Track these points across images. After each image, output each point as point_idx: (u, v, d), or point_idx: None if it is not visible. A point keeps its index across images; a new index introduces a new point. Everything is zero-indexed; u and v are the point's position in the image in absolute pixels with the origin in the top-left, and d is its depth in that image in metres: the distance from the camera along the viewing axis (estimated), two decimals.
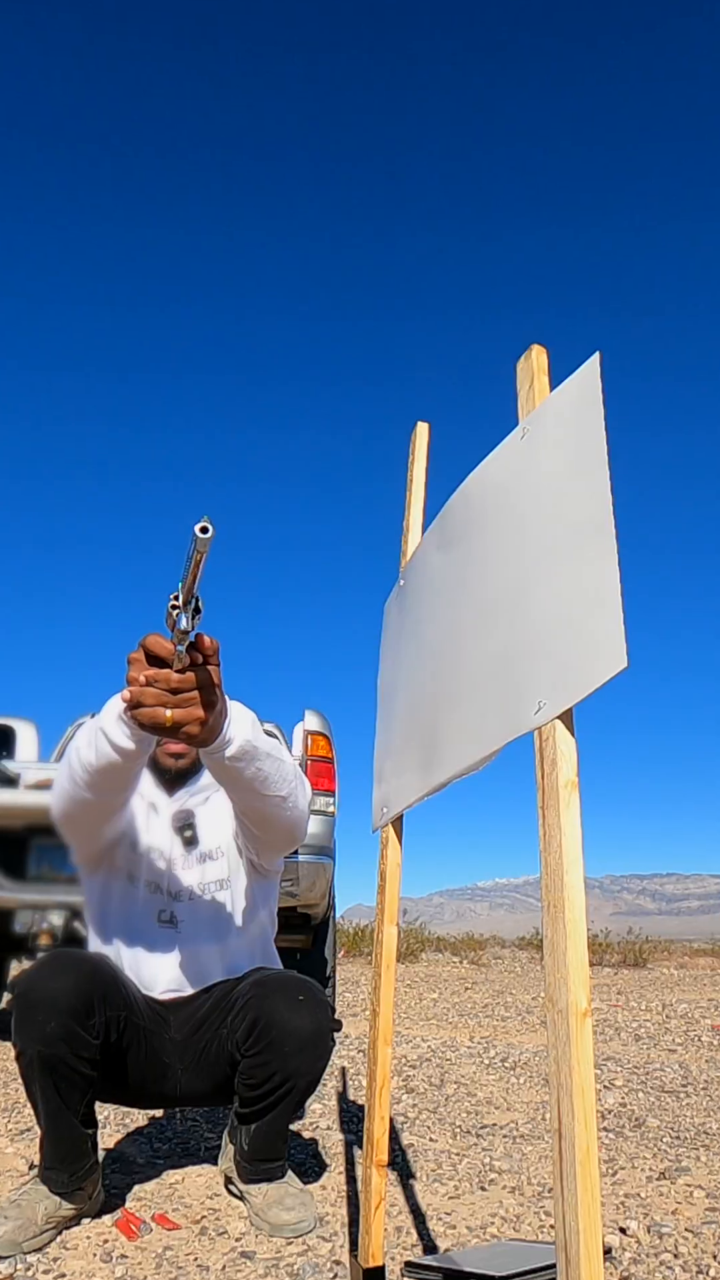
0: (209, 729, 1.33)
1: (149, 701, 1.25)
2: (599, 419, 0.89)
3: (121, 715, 1.41)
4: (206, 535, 0.98)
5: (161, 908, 1.86)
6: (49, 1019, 1.58)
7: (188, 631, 1.15)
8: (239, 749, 1.45)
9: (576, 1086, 0.76)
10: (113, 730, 1.44)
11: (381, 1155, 1.25)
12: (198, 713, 1.28)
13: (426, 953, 15.02)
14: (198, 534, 0.98)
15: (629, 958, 14.03)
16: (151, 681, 1.25)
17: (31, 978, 1.63)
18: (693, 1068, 3.69)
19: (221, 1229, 1.68)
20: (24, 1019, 1.60)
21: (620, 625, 0.79)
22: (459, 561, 1.19)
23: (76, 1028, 1.59)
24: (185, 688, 1.26)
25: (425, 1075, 3.42)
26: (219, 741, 1.41)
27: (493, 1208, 1.84)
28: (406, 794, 1.28)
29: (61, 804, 1.65)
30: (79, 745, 1.54)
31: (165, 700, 1.25)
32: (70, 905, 3.44)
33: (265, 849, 1.83)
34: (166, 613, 1.14)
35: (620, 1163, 2.19)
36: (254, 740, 1.48)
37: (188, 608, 1.12)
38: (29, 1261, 1.52)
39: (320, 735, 3.94)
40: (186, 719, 1.27)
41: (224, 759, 1.45)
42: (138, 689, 1.25)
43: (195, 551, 1.01)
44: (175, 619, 1.13)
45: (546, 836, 0.84)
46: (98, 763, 1.49)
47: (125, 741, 1.44)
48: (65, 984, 1.61)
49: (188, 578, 1.06)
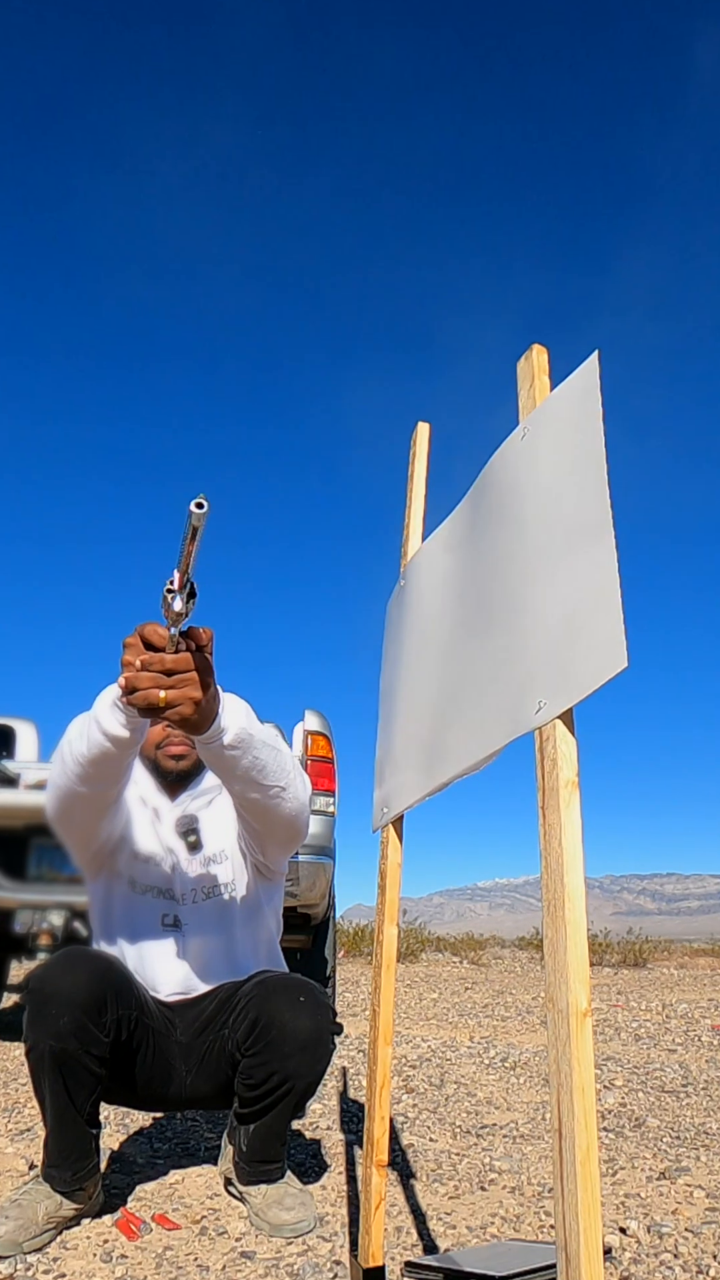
0: (203, 711, 1.34)
1: (144, 684, 1.27)
2: (598, 418, 0.89)
3: (116, 701, 1.42)
4: (202, 510, 0.98)
5: (165, 912, 1.86)
6: (62, 1013, 1.58)
7: (182, 614, 1.16)
8: (235, 736, 1.45)
9: (576, 1086, 0.76)
10: (106, 718, 1.44)
11: (381, 1155, 1.25)
12: (192, 693, 1.29)
13: (426, 953, 15.02)
14: (193, 509, 0.98)
15: (629, 958, 14.03)
16: (147, 665, 1.26)
17: (46, 973, 1.64)
18: (693, 1068, 3.69)
19: (221, 1229, 1.68)
20: (37, 1013, 1.61)
21: (620, 625, 0.79)
22: (459, 562, 1.19)
23: (89, 1024, 1.60)
24: (179, 669, 1.27)
25: (425, 1075, 3.42)
26: (214, 729, 1.42)
27: (493, 1208, 1.84)
28: (407, 794, 1.28)
29: (54, 800, 1.65)
30: (71, 738, 1.55)
31: (160, 682, 1.27)
32: (70, 905, 3.44)
33: (268, 845, 1.83)
34: (162, 596, 1.14)
35: (620, 1163, 2.19)
36: (249, 728, 1.48)
37: (183, 591, 1.12)
38: (29, 1261, 1.52)
39: (320, 735, 3.94)
40: (180, 699, 1.28)
41: (220, 747, 1.45)
42: (133, 673, 1.27)
43: (190, 528, 1.01)
44: (170, 602, 1.14)
45: (546, 836, 0.84)
46: (90, 753, 1.49)
47: (119, 729, 1.44)
48: (79, 980, 1.62)
49: (184, 557, 1.07)
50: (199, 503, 0.97)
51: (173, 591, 1.12)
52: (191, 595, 1.14)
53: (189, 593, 1.14)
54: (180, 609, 1.15)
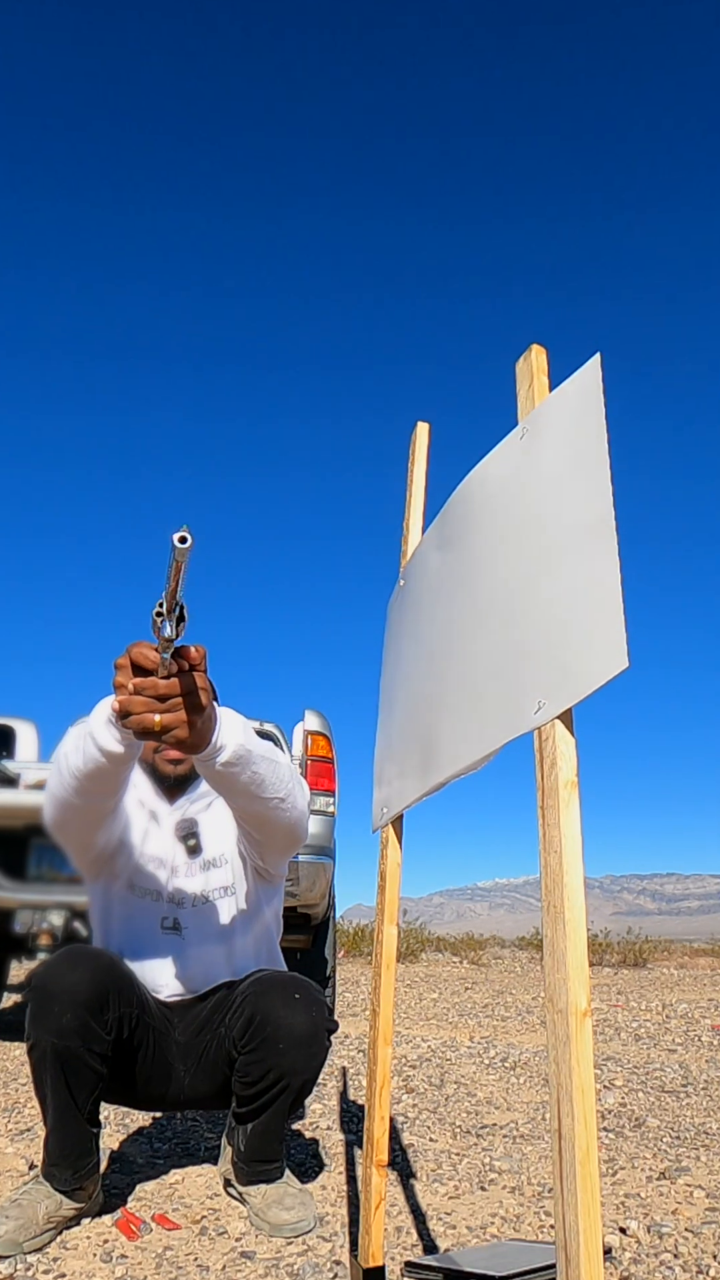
0: (199, 733, 1.33)
1: (137, 709, 1.26)
2: (600, 420, 0.89)
3: (110, 720, 1.42)
4: (185, 545, 0.97)
5: (164, 915, 1.86)
6: (64, 1010, 1.59)
7: (172, 639, 1.15)
8: (232, 754, 1.45)
9: (576, 1086, 0.76)
10: (101, 734, 1.44)
11: (381, 1155, 1.25)
12: (185, 717, 1.28)
13: (426, 953, 15.02)
14: (176, 544, 0.97)
15: (629, 958, 14.03)
16: (139, 690, 1.26)
17: (48, 970, 1.65)
18: (693, 1068, 3.69)
19: (221, 1229, 1.68)
20: (40, 1010, 1.61)
21: (621, 625, 0.79)
22: (459, 562, 1.19)
23: (91, 1021, 1.60)
24: (172, 693, 1.27)
25: (425, 1075, 3.42)
26: (211, 748, 1.41)
27: (493, 1208, 1.84)
28: (407, 794, 1.28)
29: (52, 809, 1.65)
30: (66, 751, 1.54)
31: (154, 707, 1.26)
32: (70, 905, 3.44)
33: (268, 852, 1.83)
34: (151, 620, 1.14)
35: (620, 1163, 2.19)
36: (247, 744, 1.47)
37: (171, 615, 1.12)
38: (29, 1261, 1.52)
39: (320, 735, 3.94)
40: (175, 723, 1.28)
41: (217, 765, 1.45)
42: (126, 697, 1.27)
43: (174, 561, 1.00)
44: (159, 626, 1.13)
45: (546, 836, 0.84)
46: (85, 767, 1.49)
47: (114, 745, 1.44)
48: (81, 977, 1.62)
49: (169, 586, 1.06)
50: (182, 536, 0.96)
51: (161, 615, 1.11)
52: (181, 619, 1.13)
53: (178, 617, 1.13)
54: (170, 634, 1.14)
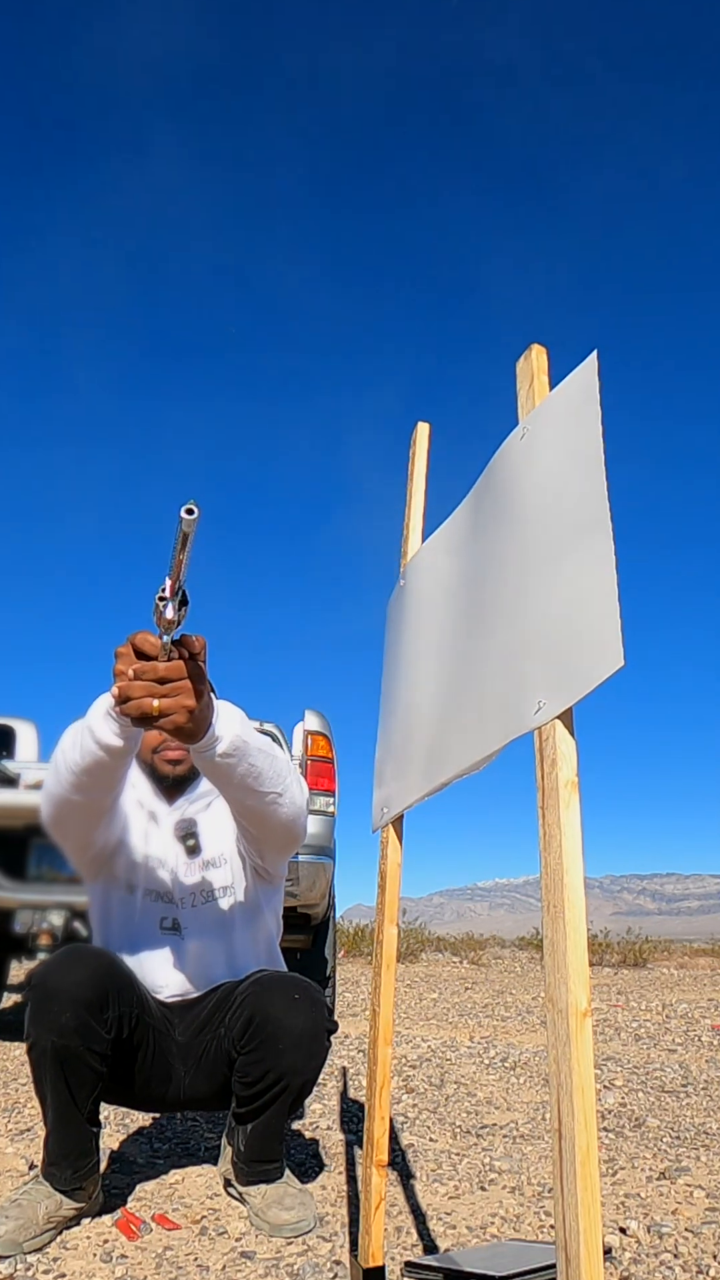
0: (197, 720, 1.33)
1: (136, 693, 1.26)
2: (596, 418, 0.89)
3: (109, 711, 1.42)
4: (192, 516, 0.99)
5: (164, 915, 1.86)
6: (64, 1009, 1.59)
7: (175, 622, 1.16)
8: (230, 744, 1.45)
9: (576, 1086, 0.76)
10: (99, 727, 1.44)
11: (381, 1155, 1.25)
12: (186, 701, 1.28)
13: (426, 953, 15.01)
14: (184, 515, 0.98)
15: (629, 958, 14.03)
16: (139, 674, 1.26)
17: (48, 969, 1.65)
18: (693, 1068, 3.69)
19: (221, 1229, 1.68)
20: (40, 1009, 1.61)
21: (618, 624, 0.79)
22: (460, 562, 1.19)
23: (91, 1020, 1.60)
24: (172, 677, 1.27)
25: (425, 1075, 3.42)
26: (208, 737, 1.41)
27: (493, 1208, 1.84)
28: (407, 794, 1.28)
29: (50, 806, 1.65)
30: (64, 747, 1.54)
31: (153, 691, 1.26)
32: (70, 905, 3.44)
33: (266, 850, 1.83)
34: (154, 604, 1.14)
35: (620, 1163, 2.19)
36: (244, 736, 1.48)
37: (174, 598, 1.12)
38: (29, 1261, 1.52)
39: (320, 735, 3.94)
40: (174, 708, 1.28)
41: (215, 756, 1.45)
42: (125, 683, 1.26)
43: (181, 534, 1.01)
44: (162, 610, 1.13)
45: (546, 836, 0.84)
46: (83, 762, 1.49)
47: (112, 739, 1.44)
48: (82, 976, 1.62)
49: (175, 564, 1.06)
50: (189, 509, 0.97)
51: (164, 599, 1.12)
52: (184, 603, 1.14)
53: (181, 600, 1.13)
54: (172, 617, 1.14)
